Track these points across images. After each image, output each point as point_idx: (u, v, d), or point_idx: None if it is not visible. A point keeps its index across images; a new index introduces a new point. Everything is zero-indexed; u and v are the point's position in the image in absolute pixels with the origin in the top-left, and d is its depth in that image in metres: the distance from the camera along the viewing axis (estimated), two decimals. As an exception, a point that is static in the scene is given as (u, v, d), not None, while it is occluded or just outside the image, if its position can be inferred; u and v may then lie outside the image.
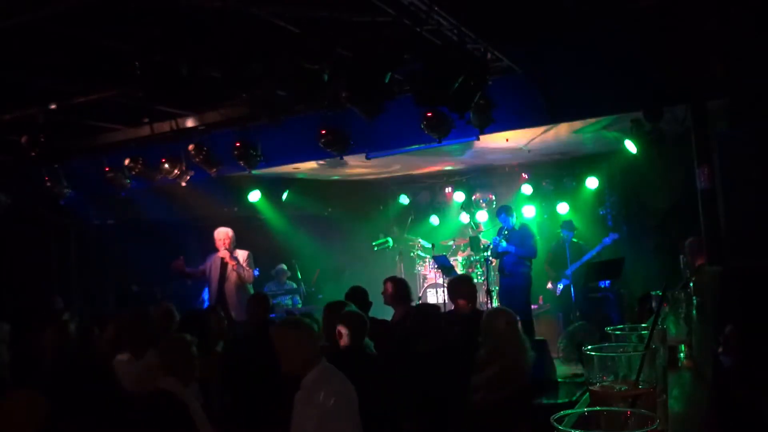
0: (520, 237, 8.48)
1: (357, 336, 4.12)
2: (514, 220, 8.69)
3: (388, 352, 4.41)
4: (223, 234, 7.46)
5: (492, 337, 4.21)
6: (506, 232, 8.53)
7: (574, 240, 9.30)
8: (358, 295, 5.47)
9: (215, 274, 7.46)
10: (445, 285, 8.02)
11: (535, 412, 4.21)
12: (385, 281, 5.83)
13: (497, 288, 9.05)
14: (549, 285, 9.59)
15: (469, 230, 11.16)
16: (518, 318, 4.53)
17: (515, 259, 8.42)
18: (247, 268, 7.40)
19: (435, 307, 5.73)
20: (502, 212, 8.81)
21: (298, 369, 3.42)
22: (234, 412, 4.22)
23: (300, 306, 9.51)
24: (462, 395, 4.12)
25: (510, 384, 4.02)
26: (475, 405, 4.04)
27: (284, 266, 9.91)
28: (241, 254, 7.48)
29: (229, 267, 7.38)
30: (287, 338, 3.51)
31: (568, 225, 9.37)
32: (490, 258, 8.86)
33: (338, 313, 4.35)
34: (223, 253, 7.36)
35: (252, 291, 7.43)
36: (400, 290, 5.69)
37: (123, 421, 3.62)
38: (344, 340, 4.13)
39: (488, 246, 8.72)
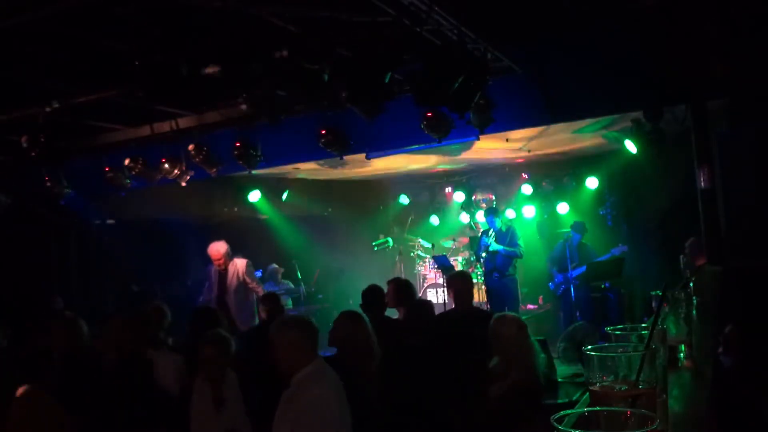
0: (508, 238, 8.55)
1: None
2: (500, 222, 8.78)
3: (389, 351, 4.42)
4: (215, 251, 7.43)
5: (504, 344, 4.13)
6: (493, 233, 8.61)
7: (584, 242, 9.24)
8: (372, 295, 5.50)
9: (213, 284, 7.52)
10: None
11: (543, 412, 4.21)
12: (388, 283, 5.85)
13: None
14: (552, 286, 9.56)
15: (469, 230, 11.18)
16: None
17: (505, 260, 8.48)
18: (252, 283, 7.43)
19: (429, 303, 5.75)
20: (489, 214, 8.95)
21: (289, 367, 3.42)
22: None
23: (290, 305, 9.51)
24: (469, 396, 4.11)
25: (526, 392, 3.99)
26: (491, 414, 4.00)
27: (275, 265, 9.91)
28: (240, 264, 7.46)
29: (228, 277, 7.40)
30: (283, 336, 3.51)
31: (578, 227, 9.27)
32: (478, 256, 8.91)
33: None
34: (236, 267, 7.38)
35: (254, 299, 7.49)
36: (399, 293, 5.71)
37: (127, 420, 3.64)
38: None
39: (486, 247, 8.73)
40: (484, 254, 8.64)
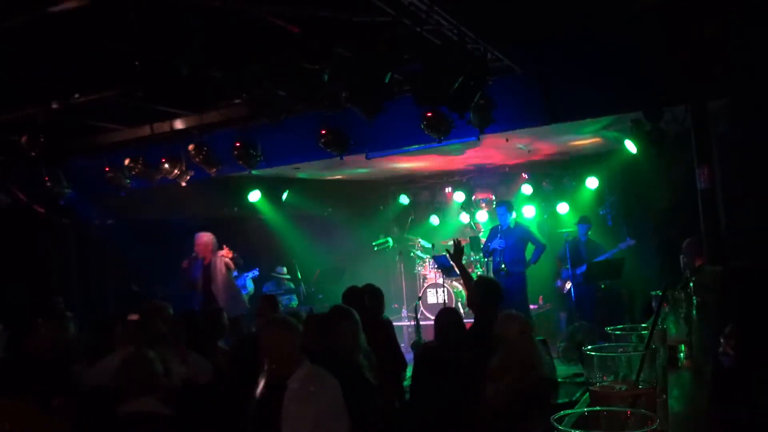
0: (518, 237, 8.43)
1: None
2: (512, 219, 8.61)
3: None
4: (199, 241, 7.65)
5: (505, 344, 4.04)
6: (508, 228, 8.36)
7: (591, 237, 9.20)
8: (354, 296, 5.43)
9: (201, 277, 7.61)
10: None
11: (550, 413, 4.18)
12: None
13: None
14: (559, 283, 9.46)
15: (469, 229, 11.17)
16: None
17: (513, 259, 8.39)
18: (229, 263, 7.64)
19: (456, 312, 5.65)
20: (502, 207, 8.62)
21: (283, 368, 3.39)
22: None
23: (295, 305, 9.52)
24: (473, 401, 4.07)
25: (526, 392, 3.95)
26: (493, 414, 3.97)
27: (284, 269, 9.97)
28: (228, 254, 7.68)
29: (217, 266, 7.50)
30: (274, 337, 3.47)
31: (585, 220, 9.16)
32: (488, 251, 8.74)
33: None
34: (221, 258, 7.55)
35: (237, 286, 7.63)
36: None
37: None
38: None
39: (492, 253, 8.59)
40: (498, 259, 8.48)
